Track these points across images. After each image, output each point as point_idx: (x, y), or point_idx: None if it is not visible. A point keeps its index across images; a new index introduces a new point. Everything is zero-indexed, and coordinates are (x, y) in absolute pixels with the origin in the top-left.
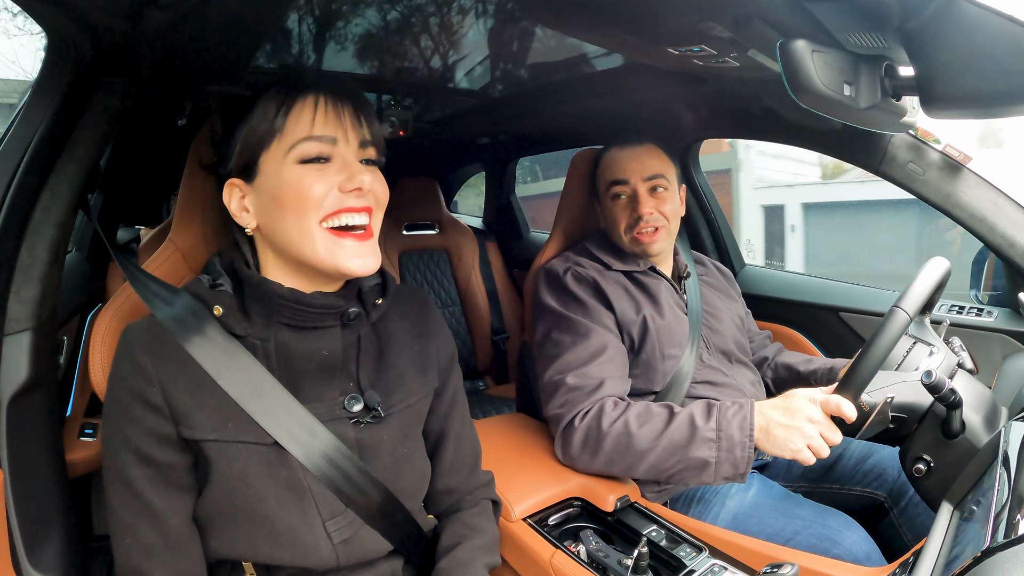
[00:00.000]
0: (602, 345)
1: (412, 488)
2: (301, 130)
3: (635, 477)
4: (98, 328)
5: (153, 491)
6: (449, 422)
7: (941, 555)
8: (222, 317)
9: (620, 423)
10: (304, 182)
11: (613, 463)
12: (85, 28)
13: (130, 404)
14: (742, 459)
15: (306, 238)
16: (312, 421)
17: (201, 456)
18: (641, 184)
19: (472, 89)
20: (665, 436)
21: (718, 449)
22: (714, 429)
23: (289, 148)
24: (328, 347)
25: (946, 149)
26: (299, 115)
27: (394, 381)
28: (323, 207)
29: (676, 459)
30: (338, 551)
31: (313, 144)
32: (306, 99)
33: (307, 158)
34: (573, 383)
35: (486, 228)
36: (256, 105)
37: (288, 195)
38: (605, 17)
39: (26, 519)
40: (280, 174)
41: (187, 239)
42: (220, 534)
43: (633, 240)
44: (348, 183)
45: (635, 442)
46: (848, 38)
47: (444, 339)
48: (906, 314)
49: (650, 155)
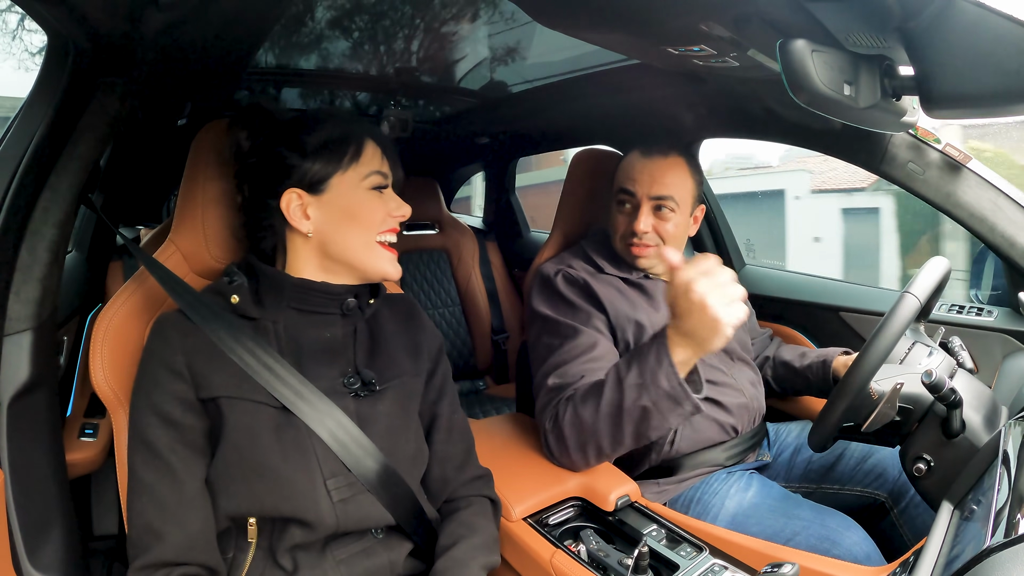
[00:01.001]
0: (589, 344)
1: (409, 461)
2: (375, 163)
3: (612, 455)
4: (98, 328)
5: (173, 451)
6: (439, 408)
7: (941, 554)
8: (238, 304)
9: (570, 410)
10: (373, 204)
11: (585, 450)
12: (85, 28)
13: (157, 372)
14: (674, 389)
15: (366, 247)
16: (315, 391)
17: (216, 414)
18: (646, 200)
19: (472, 89)
20: (603, 403)
21: (647, 391)
22: (636, 373)
23: (366, 175)
24: (329, 332)
25: (946, 149)
26: (373, 151)
27: (387, 363)
28: (382, 225)
29: (621, 421)
30: (337, 510)
31: (379, 177)
32: (371, 139)
33: (376, 186)
34: (552, 384)
35: (486, 228)
36: (337, 134)
37: (362, 212)
38: (605, 17)
39: (26, 519)
40: (353, 194)
41: (188, 238)
42: (228, 490)
43: (625, 249)
44: (397, 210)
45: (586, 421)
46: (848, 38)
47: (431, 332)
48: (916, 299)
49: (668, 171)
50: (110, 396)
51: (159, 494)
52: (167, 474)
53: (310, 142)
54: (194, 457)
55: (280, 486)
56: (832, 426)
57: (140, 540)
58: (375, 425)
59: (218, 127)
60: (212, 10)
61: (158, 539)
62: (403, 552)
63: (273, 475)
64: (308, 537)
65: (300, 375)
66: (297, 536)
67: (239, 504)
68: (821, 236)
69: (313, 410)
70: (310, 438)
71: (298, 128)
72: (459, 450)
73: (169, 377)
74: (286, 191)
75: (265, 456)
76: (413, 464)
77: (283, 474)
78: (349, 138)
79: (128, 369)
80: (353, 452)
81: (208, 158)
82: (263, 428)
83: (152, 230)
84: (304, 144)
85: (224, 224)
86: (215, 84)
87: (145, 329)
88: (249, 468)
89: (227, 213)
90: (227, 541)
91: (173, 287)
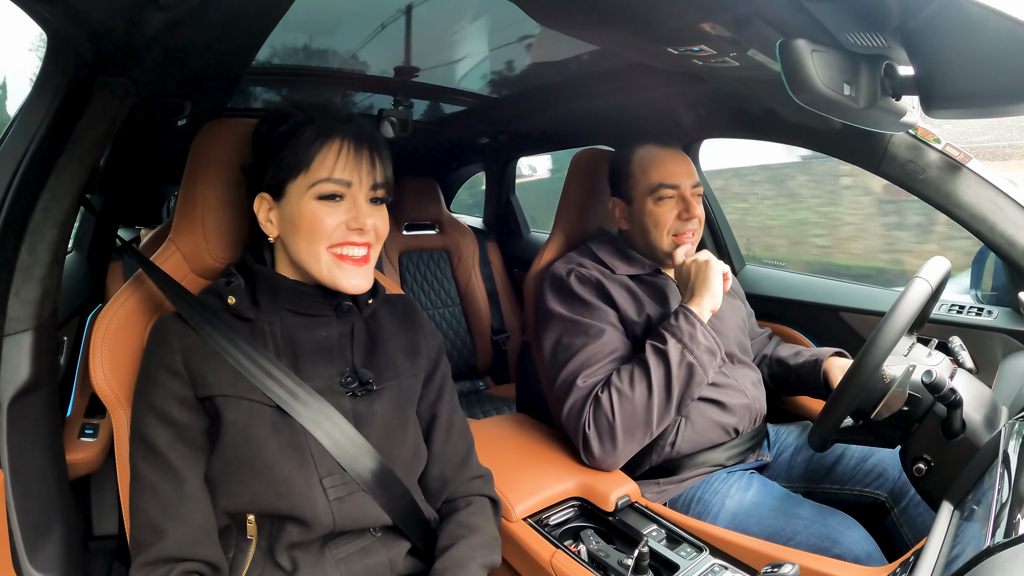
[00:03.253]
0: (612, 345)
1: (406, 461)
2: (324, 171)
3: (654, 433)
4: (98, 328)
5: (172, 449)
6: (438, 408)
7: (942, 554)
8: (235, 306)
9: (616, 398)
10: (318, 215)
11: (633, 435)
12: (85, 29)
13: (156, 372)
14: (710, 343)
15: (313, 258)
16: (310, 391)
17: (213, 413)
18: (689, 189)
19: (472, 89)
20: (653, 377)
21: (690, 351)
22: (675, 340)
23: (311, 184)
24: (325, 333)
25: (946, 149)
26: (325, 156)
27: (385, 363)
28: (331, 238)
29: (671, 387)
30: (334, 509)
31: (331, 185)
32: (333, 142)
33: (324, 195)
34: (582, 384)
35: (486, 228)
36: (292, 137)
37: (304, 224)
38: (605, 17)
39: (26, 519)
40: (300, 204)
41: (187, 239)
42: (227, 488)
43: (671, 243)
44: (353, 222)
45: (637, 403)
46: (848, 38)
47: (430, 333)
48: (927, 283)
49: (688, 160)
50: (110, 396)
51: (160, 491)
52: (167, 472)
53: (273, 145)
54: (194, 455)
55: (277, 484)
56: (833, 424)
57: (142, 537)
58: (372, 425)
59: (218, 127)
60: (212, 10)
61: (160, 536)
62: (402, 551)
63: (270, 473)
64: (306, 536)
65: (295, 376)
66: (295, 535)
67: (237, 501)
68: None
69: (308, 410)
70: (305, 437)
71: (270, 128)
72: (459, 450)
73: (167, 377)
74: (257, 195)
75: (262, 454)
76: (410, 464)
77: (279, 472)
78: (301, 141)
79: (128, 369)
80: (349, 452)
81: (208, 159)
82: (259, 426)
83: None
84: (269, 147)
85: (224, 225)
86: (215, 84)
87: (145, 329)
88: (246, 466)
89: (227, 214)
90: (227, 540)
91: (170, 289)
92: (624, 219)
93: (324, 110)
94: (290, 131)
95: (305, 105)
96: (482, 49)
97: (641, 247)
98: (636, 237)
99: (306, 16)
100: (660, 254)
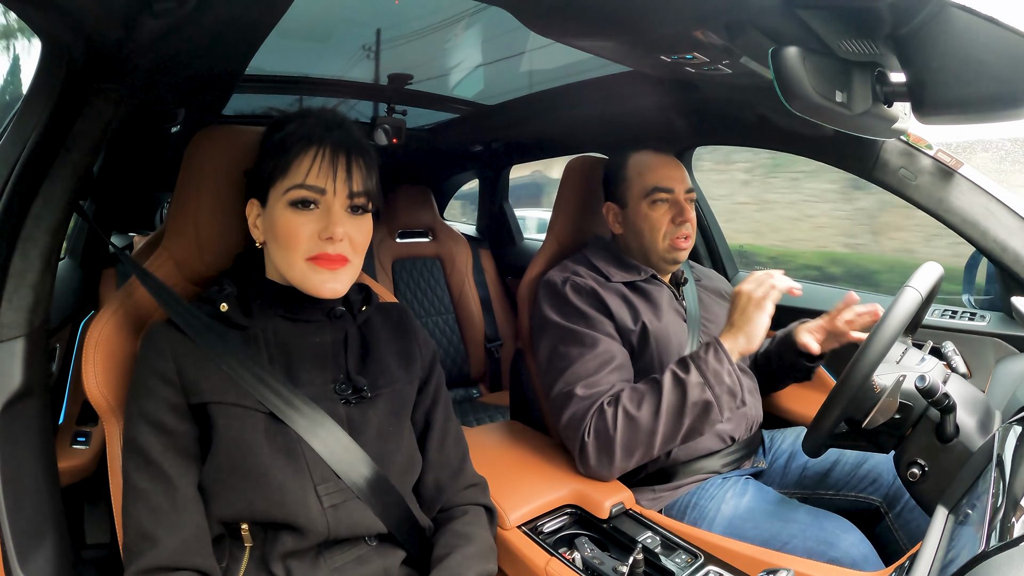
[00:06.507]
0: (610, 354)
1: (401, 468)
2: (298, 177)
3: (654, 456)
4: (91, 335)
5: (165, 457)
6: (433, 416)
7: (936, 559)
8: (227, 313)
9: (621, 416)
10: (290, 224)
11: (631, 455)
12: (79, 35)
13: (148, 379)
14: (734, 384)
15: (288, 266)
16: (304, 398)
17: (206, 420)
18: (683, 195)
19: (466, 97)
20: (663, 404)
21: (711, 387)
22: (698, 373)
23: (286, 190)
24: (318, 338)
25: (938, 155)
26: (301, 162)
27: (379, 370)
28: (304, 248)
29: (682, 418)
30: (328, 516)
31: (302, 191)
32: (310, 149)
33: (295, 200)
34: (582, 394)
35: (479, 235)
36: (274, 142)
37: (278, 231)
38: (598, 24)
39: (18, 527)
40: (275, 210)
41: (181, 246)
42: (221, 496)
43: (670, 246)
44: (324, 232)
45: (642, 424)
46: (840, 45)
47: (424, 340)
48: (917, 292)
49: (681, 166)
50: (102, 403)
51: (153, 500)
52: (160, 480)
53: (265, 151)
54: (187, 463)
55: (271, 491)
56: (827, 430)
57: (135, 545)
58: (366, 432)
59: (212, 134)
60: (207, 17)
61: (152, 544)
62: (397, 560)
63: (264, 480)
64: (300, 544)
65: (289, 383)
66: (289, 543)
67: (231, 509)
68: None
69: (302, 417)
70: (300, 444)
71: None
72: (453, 458)
73: (160, 384)
74: (249, 200)
75: (255, 461)
76: (405, 472)
77: (273, 479)
78: (284, 147)
79: (121, 376)
80: (343, 459)
81: (201, 166)
82: (253, 433)
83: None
84: (263, 153)
85: (216, 232)
86: (209, 91)
87: (138, 336)
88: (240, 473)
89: (220, 221)
90: (220, 549)
91: (162, 297)
92: (618, 223)
93: (314, 116)
94: (281, 137)
95: (300, 111)
96: (476, 57)
97: (636, 252)
98: (631, 241)
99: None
100: (655, 258)
